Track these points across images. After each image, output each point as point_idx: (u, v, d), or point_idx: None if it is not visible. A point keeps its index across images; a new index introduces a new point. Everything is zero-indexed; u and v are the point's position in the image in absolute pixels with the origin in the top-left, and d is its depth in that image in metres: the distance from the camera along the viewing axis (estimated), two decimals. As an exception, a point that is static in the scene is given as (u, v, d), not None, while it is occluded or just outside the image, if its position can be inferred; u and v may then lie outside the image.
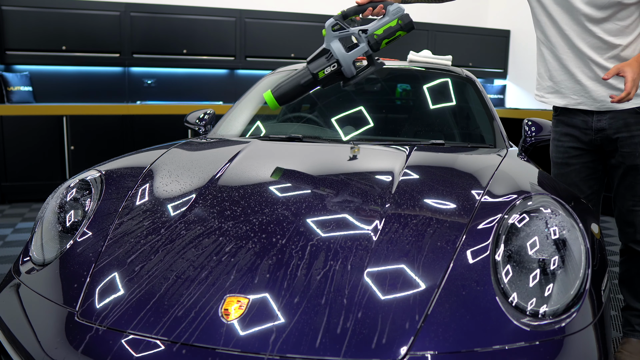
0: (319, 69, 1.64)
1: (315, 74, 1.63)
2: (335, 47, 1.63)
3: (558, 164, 1.97)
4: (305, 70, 1.65)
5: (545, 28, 1.88)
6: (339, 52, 1.63)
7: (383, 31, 1.64)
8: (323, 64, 1.64)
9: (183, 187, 1.59)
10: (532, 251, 1.23)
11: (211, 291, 1.15)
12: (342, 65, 1.63)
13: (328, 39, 1.65)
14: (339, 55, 1.62)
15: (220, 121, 2.54)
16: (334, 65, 1.63)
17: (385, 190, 1.51)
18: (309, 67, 1.65)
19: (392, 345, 1.02)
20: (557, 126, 1.97)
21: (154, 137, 5.05)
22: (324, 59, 1.65)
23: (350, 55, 1.63)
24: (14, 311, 1.27)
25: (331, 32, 1.64)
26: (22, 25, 5.15)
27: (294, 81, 1.66)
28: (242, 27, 5.82)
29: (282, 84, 1.68)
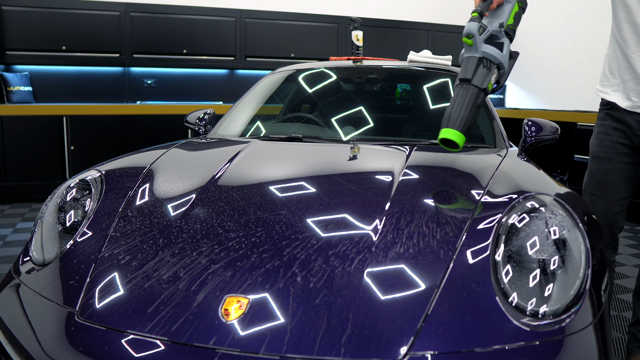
0: (485, 82, 1.49)
1: (485, 88, 1.49)
2: (492, 52, 1.49)
3: (601, 159, 1.83)
4: (472, 89, 1.50)
5: (620, 22, 1.74)
6: (498, 55, 1.49)
7: (513, 19, 1.53)
8: (486, 74, 1.50)
9: (183, 187, 1.59)
10: (532, 251, 1.23)
11: (211, 291, 1.15)
12: (504, 68, 1.51)
13: (478, 46, 1.49)
14: (500, 59, 1.49)
15: (220, 121, 2.54)
16: (495, 71, 1.51)
17: (385, 190, 1.51)
18: (474, 83, 1.50)
19: (392, 345, 1.02)
20: (605, 119, 1.84)
21: (154, 137, 5.05)
22: (483, 69, 1.50)
23: (506, 55, 1.51)
24: (14, 311, 1.27)
25: (479, 37, 1.48)
26: (22, 25, 5.15)
27: (471, 105, 1.49)
28: (242, 27, 5.82)
29: (455, 115, 1.50)
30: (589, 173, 1.87)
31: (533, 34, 6.78)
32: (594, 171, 1.85)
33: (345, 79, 2.71)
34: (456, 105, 1.49)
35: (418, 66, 2.67)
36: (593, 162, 1.87)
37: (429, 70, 2.65)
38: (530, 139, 2.29)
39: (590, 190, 1.86)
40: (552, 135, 2.29)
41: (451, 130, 1.48)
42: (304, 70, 2.73)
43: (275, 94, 2.72)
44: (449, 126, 1.48)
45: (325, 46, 6.07)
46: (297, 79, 2.76)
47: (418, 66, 2.67)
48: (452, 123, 1.48)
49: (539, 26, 6.63)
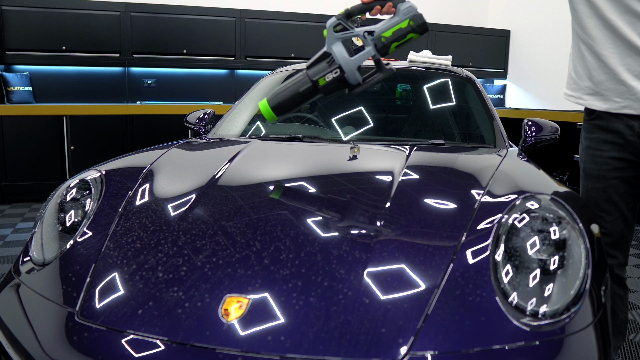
0: (319, 75, 1.44)
1: (316, 81, 1.44)
2: (337, 51, 1.43)
3: (594, 177, 1.65)
4: (305, 77, 1.46)
5: (583, 19, 1.57)
6: (341, 56, 1.43)
7: (392, 33, 1.43)
8: (324, 69, 1.44)
9: (183, 187, 1.59)
10: (532, 251, 1.23)
11: (211, 291, 1.15)
12: (345, 72, 1.43)
13: (329, 41, 1.44)
14: (341, 60, 1.43)
15: (220, 121, 2.54)
16: (336, 71, 1.43)
17: (385, 190, 1.51)
18: (308, 72, 1.46)
19: (392, 345, 1.02)
20: (593, 132, 1.64)
21: (154, 137, 5.05)
22: (324, 64, 1.45)
23: (354, 61, 1.43)
24: (14, 311, 1.27)
25: (333, 33, 1.44)
26: (22, 25, 5.15)
27: (292, 89, 1.47)
28: (242, 27, 5.82)
29: (278, 92, 1.49)
30: (585, 192, 1.69)
31: (533, 33, 6.78)
32: (590, 190, 1.68)
33: (345, 79, 2.71)
34: (285, 85, 1.49)
35: (418, 66, 2.67)
36: (587, 180, 1.69)
37: (429, 70, 2.65)
38: (530, 139, 2.29)
39: None
40: (552, 135, 2.29)
41: (265, 103, 1.49)
42: (304, 70, 2.73)
43: (275, 94, 2.71)
44: (267, 99, 1.49)
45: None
46: (297, 79, 2.76)
47: (418, 66, 2.67)
48: (271, 98, 1.49)
49: (539, 26, 6.63)
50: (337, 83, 1.45)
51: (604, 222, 1.64)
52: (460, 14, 7.24)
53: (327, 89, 1.46)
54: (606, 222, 1.64)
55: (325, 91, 1.47)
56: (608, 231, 1.65)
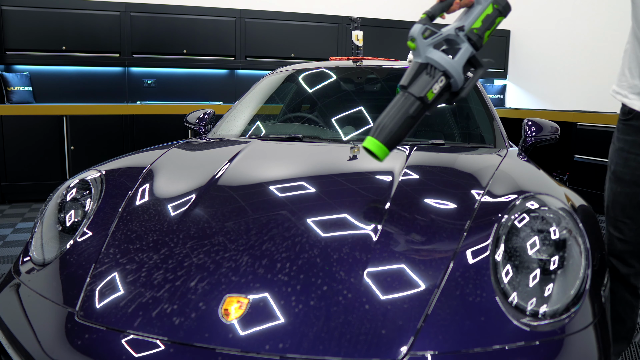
0: (426, 90, 1.28)
1: (424, 97, 1.28)
2: (437, 57, 1.29)
3: (625, 182, 1.54)
4: (408, 97, 1.30)
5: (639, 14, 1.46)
6: (444, 61, 1.29)
7: (482, 22, 1.32)
8: (428, 82, 1.29)
9: (183, 187, 1.59)
10: (532, 251, 1.23)
11: (211, 291, 1.15)
12: (453, 76, 1.30)
13: (422, 50, 1.30)
14: (446, 66, 1.29)
15: (220, 121, 2.54)
16: (441, 79, 1.30)
17: (385, 190, 1.51)
18: (410, 91, 1.30)
19: (392, 345, 1.02)
20: (628, 134, 1.54)
21: (154, 137, 5.05)
22: (426, 77, 1.30)
23: (458, 62, 1.30)
24: (14, 311, 1.27)
25: (423, 40, 1.29)
26: (22, 25, 5.15)
27: (400, 115, 1.30)
28: (242, 27, 5.82)
29: (385, 125, 1.31)
30: (612, 196, 1.58)
31: (533, 33, 6.77)
32: (618, 194, 1.56)
33: (345, 79, 2.71)
34: (388, 115, 1.31)
35: (418, 66, 2.66)
36: (616, 183, 1.57)
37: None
38: (530, 139, 2.29)
39: (614, 215, 1.58)
40: (552, 135, 2.29)
41: (373, 141, 1.31)
42: (304, 70, 2.73)
43: (275, 94, 2.72)
44: (374, 135, 1.31)
45: (325, 46, 6.07)
46: (297, 79, 2.76)
47: (418, 66, 2.66)
48: (380, 135, 1.31)
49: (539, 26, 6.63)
50: (443, 92, 1.33)
51: (627, 229, 1.55)
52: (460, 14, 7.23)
53: (436, 102, 1.33)
54: (630, 229, 1.55)
55: (434, 105, 1.34)
56: (628, 239, 1.56)
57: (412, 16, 6.76)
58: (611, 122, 4.69)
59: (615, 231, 1.58)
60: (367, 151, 1.33)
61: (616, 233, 1.58)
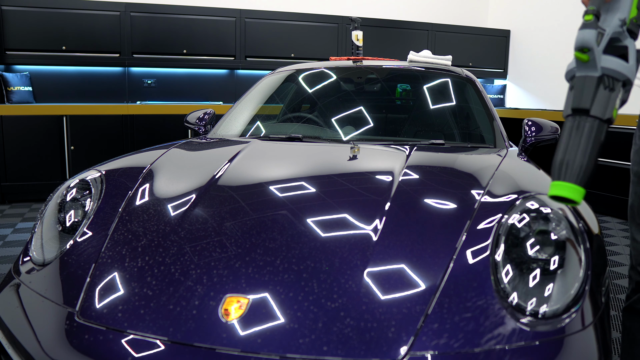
0: (609, 109, 1.06)
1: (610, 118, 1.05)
2: (616, 66, 1.06)
3: None
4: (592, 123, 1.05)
5: None
6: (624, 69, 1.06)
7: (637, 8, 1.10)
8: (608, 98, 1.06)
9: (183, 187, 1.59)
10: (532, 251, 1.23)
11: (211, 291, 1.15)
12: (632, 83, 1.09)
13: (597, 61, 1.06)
14: (627, 73, 1.06)
15: (220, 121, 2.54)
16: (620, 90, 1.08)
17: (385, 190, 1.51)
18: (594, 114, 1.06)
19: (392, 345, 1.02)
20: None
21: (154, 137, 5.05)
22: (605, 92, 1.07)
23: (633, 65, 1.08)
24: (14, 311, 1.27)
25: (597, 48, 1.06)
26: (22, 25, 5.15)
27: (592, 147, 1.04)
28: (242, 27, 5.82)
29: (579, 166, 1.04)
30: (636, 199, 1.43)
31: (533, 33, 6.77)
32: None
33: (345, 79, 2.71)
34: (571, 149, 1.05)
35: (418, 66, 2.67)
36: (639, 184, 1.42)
37: (429, 70, 2.65)
38: (530, 139, 2.29)
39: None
40: (552, 135, 2.29)
41: (567, 185, 1.03)
42: (304, 70, 2.73)
43: (275, 94, 2.72)
44: (565, 179, 1.05)
45: (325, 46, 6.07)
46: (297, 79, 2.76)
47: (418, 66, 2.67)
48: (569, 175, 1.04)
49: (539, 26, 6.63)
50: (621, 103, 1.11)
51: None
52: (460, 14, 7.24)
53: None
54: None
55: None
56: None
57: (412, 16, 6.77)
58: (611, 122, 4.68)
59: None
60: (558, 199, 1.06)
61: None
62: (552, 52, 6.47)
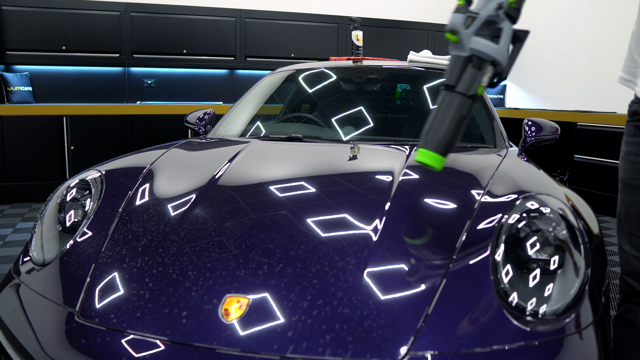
0: (475, 86, 1.15)
1: (474, 94, 1.15)
2: (483, 47, 1.14)
3: (636, 188, 1.34)
4: (456, 97, 1.16)
5: None
6: (491, 50, 1.14)
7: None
8: (476, 76, 1.15)
9: (183, 187, 1.59)
10: (532, 251, 1.23)
11: (211, 291, 1.15)
12: (500, 63, 1.17)
13: (465, 42, 1.15)
14: (495, 54, 1.15)
15: (220, 121, 2.54)
16: (489, 69, 1.17)
17: (385, 190, 1.51)
18: (458, 90, 1.16)
19: (392, 345, 1.02)
20: (635, 135, 1.36)
21: (154, 137, 5.05)
22: (472, 70, 1.16)
23: (504, 46, 1.16)
24: (14, 311, 1.27)
25: (465, 31, 1.15)
26: (22, 25, 5.15)
27: (453, 119, 1.15)
28: (242, 27, 5.82)
29: (437, 134, 1.15)
30: (624, 207, 1.38)
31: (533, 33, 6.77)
32: (630, 205, 1.36)
33: (345, 79, 2.71)
34: (436, 120, 1.17)
35: (418, 66, 2.67)
36: (626, 192, 1.37)
37: (429, 70, 2.65)
38: (530, 139, 2.29)
39: (628, 230, 1.36)
40: (552, 135, 2.29)
41: (426, 153, 1.15)
42: (304, 70, 2.73)
43: (275, 94, 2.72)
44: (425, 146, 1.16)
45: (325, 46, 6.07)
46: (297, 79, 2.76)
47: (418, 66, 2.67)
48: (430, 144, 1.16)
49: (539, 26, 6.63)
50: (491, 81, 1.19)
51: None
52: None
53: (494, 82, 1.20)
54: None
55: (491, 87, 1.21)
56: None
57: (412, 16, 6.77)
58: (611, 122, 4.69)
59: (631, 248, 1.35)
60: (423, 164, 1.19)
61: (632, 251, 1.35)
62: (552, 52, 6.47)
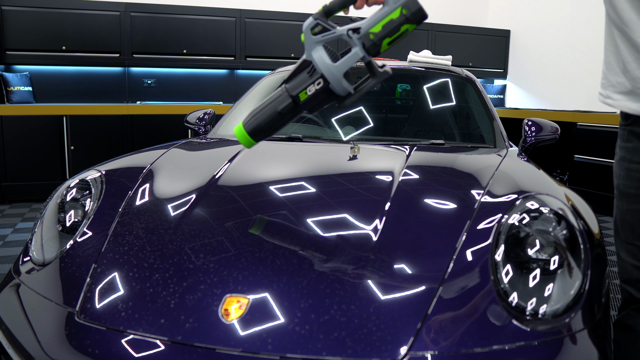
0: (299, 89, 1.18)
1: (296, 96, 1.18)
2: (317, 57, 1.17)
3: (630, 197, 1.27)
4: (283, 93, 1.21)
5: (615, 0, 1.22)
6: (322, 63, 1.16)
7: (382, 27, 1.15)
8: (304, 81, 1.18)
9: (183, 187, 1.59)
10: (532, 251, 1.23)
11: (211, 291, 1.15)
12: (330, 81, 1.17)
13: (308, 47, 1.19)
14: (322, 68, 1.16)
15: (220, 121, 2.54)
16: (319, 81, 1.17)
17: (385, 191, 1.51)
18: (286, 87, 1.20)
19: (392, 345, 1.02)
20: (630, 140, 1.27)
21: (154, 137, 5.05)
22: (305, 75, 1.19)
23: (338, 67, 1.16)
24: (14, 311, 1.27)
25: (311, 36, 1.18)
26: (22, 25, 5.15)
27: (269, 109, 1.21)
28: (242, 27, 5.82)
29: (254, 114, 1.24)
30: (619, 215, 1.32)
31: (533, 33, 6.77)
32: (625, 212, 1.30)
33: (345, 79, 2.71)
34: (262, 105, 1.23)
35: (418, 66, 2.67)
36: (621, 200, 1.31)
37: (429, 70, 2.65)
38: (530, 139, 2.29)
39: (625, 238, 1.29)
40: (552, 135, 2.29)
41: (241, 128, 1.23)
42: (304, 70, 2.73)
43: (275, 94, 2.72)
44: (244, 122, 1.24)
45: (325, 46, 6.07)
46: (297, 79, 2.76)
47: (418, 66, 2.67)
48: (247, 121, 1.23)
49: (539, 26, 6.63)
50: (322, 96, 1.19)
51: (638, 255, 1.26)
52: (460, 14, 7.24)
53: (311, 104, 1.21)
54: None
55: (309, 107, 1.22)
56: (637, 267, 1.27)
57: (412, 16, 6.76)
58: (611, 122, 4.69)
59: (629, 256, 1.29)
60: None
61: (629, 259, 1.29)
62: (552, 52, 6.47)
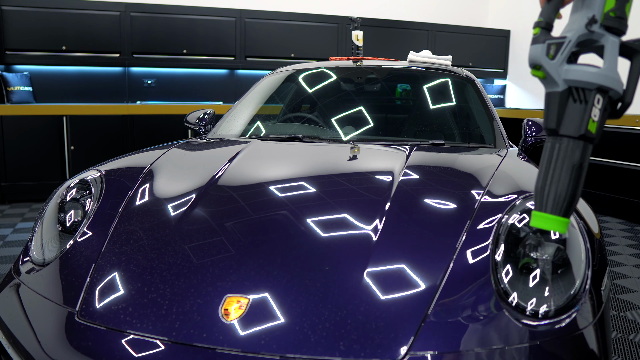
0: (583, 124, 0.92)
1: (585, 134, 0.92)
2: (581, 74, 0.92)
3: None
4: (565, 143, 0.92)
5: None
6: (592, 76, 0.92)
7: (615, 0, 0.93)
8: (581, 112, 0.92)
9: (183, 187, 1.59)
10: (532, 251, 1.23)
11: (211, 291, 1.15)
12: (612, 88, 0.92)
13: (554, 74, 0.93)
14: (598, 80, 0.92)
15: (220, 121, 2.54)
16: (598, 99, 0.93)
17: (385, 190, 1.51)
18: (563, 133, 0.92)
19: (392, 345, 1.02)
20: None
21: (154, 137, 5.05)
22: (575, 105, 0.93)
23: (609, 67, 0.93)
24: (14, 311, 1.27)
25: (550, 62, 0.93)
26: (22, 25, 5.15)
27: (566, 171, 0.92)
28: (242, 27, 5.82)
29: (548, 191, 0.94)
30: None
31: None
32: None
33: (345, 79, 2.71)
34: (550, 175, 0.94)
35: (418, 66, 2.67)
36: None
37: (429, 70, 2.65)
38: (530, 139, 2.29)
39: None
40: (552, 135, 2.29)
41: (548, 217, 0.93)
42: (304, 70, 2.73)
43: (275, 94, 2.72)
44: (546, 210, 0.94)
45: (325, 46, 6.07)
46: (297, 79, 2.76)
47: (418, 66, 2.67)
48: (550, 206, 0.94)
49: (539, 26, 6.63)
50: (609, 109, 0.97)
51: None
52: (460, 14, 7.24)
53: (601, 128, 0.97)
54: None
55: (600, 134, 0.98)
56: None
57: (412, 16, 6.77)
58: (611, 122, 4.69)
59: None
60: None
61: None
62: (552, 52, 6.47)
